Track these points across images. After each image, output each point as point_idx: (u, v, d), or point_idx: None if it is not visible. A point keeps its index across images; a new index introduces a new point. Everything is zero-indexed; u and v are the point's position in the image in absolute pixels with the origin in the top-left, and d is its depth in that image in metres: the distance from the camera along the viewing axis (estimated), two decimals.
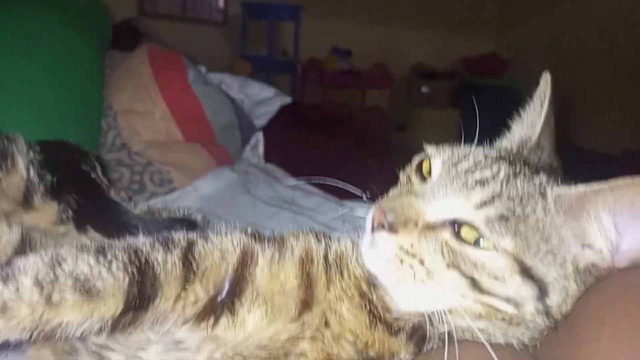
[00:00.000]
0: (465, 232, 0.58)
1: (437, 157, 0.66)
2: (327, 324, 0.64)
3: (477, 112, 0.72)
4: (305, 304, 0.64)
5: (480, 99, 0.90)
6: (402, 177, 0.71)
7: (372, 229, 0.61)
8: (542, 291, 0.57)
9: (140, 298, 0.59)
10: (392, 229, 0.60)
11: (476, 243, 0.57)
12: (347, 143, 2.54)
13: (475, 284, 0.57)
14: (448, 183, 0.61)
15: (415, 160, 0.70)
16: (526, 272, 0.57)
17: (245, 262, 0.64)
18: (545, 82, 0.73)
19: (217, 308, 0.62)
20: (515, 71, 5.16)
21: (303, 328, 0.63)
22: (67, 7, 1.55)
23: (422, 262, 0.59)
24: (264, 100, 2.19)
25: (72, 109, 1.34)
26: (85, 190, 0.83)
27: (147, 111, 1.70)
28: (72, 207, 0.81)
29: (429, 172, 0.66)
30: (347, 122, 3.79)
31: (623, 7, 4.11)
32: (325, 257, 0.67)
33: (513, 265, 0.57)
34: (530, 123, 0.74)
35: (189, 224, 0.85)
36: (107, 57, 1.87)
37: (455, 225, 0.59)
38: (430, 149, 0.68)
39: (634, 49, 4.09)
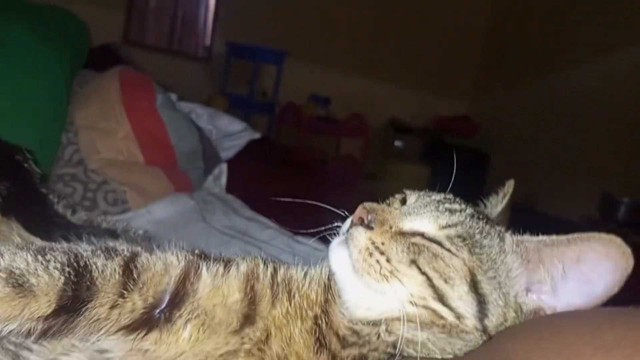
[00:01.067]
0: None
1: (413, 194, 0.76)
2: (267, 340, 0.64)
3: (452, 168, 0.83)
4: (248, 318, 0.64)
5: (451, 157, 0.97)
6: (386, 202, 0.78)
7: (351, 226, 0.67)
8: (483, 310, 0.62)
9: (74, 300, 0.57)
10: (369, 226, 0.66)
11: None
12: (315, 184, 2.55)
13: (429, 283, 0.62)
14: (422, 207, 0.70)
15: (398, 196, 0.79)
16: (474, 285, 0.62)
17: (188, 276, 0.64)
18: (509, 185, 0.85)
19: (153, 321, 0.61)
20: (485, 134, 5.35)
21: (242, 341, 0.63)
22: (40, 20, 1.57)
23: (388, 260, 0.63)
24: (232, 133, 2.21)
25: (29, 118, 1.33)
26: (16, 179, 0.81)
27: (111, 130, 1.69)
28: (1, 194, 0.79)
29: (405, 202, 0.75)
30: (318, 165, 3.83)
31: (588, 81, 4.37)
32: (273, 276, 0.68)
33: (465, 273, 0.63)
34: (492, 205, 0.84)
35: (112, 233, 0.84)
36: (80, 76, 1.87)
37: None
38: (407, 190, 0.78)
39: (597, 120, 4.31)
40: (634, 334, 0.42)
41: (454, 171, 0.82)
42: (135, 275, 0.61)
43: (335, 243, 0.68)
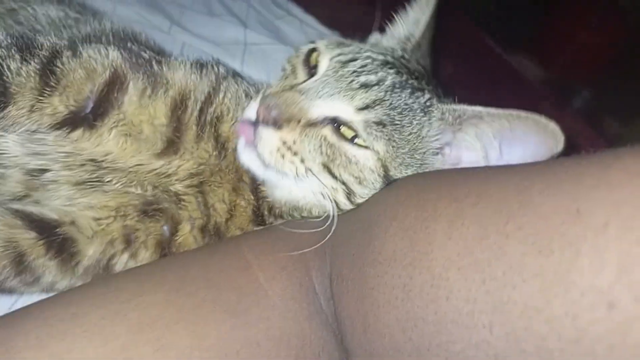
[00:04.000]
0: (344, 130, 0.62)
1: (326, 54, 0.66)
2: (202, 184, 0.66)
3: None
4: (172, 144, 0.65)
5: None
6: (288, 66, 0.69)
7: (257, 122, 0.61)
8: (389, 179, 0.64)
9: None
10: (276, 124, 0.60)
11: (353, 140, 0.62)
12: None
13: (342, 186, 0.63)
14: (333, 82, 0.62)
15: (303, 50, 0.69)
16: (386, 174, 0.63)
17: (113, 87, 0.62)
18: None
19: (78, 122, 0.62)
20: None
21: (170, 167, 0.65)
22: None
23: (302, 161, 0.61)
24: None
25: None
26: None
27: None
28: None
29: (316, 67, 0.66)
30: None
31: None
32: (201, 111, 0.66)
33: (379, 169, 0.62)
34: (414, 20, 0.73)
35: None
36: None
37: (336, 124, 0.62)
38: (320, 43, 0.68)
39: None
40: (481, 187, 0.47)
41: None
42: (53, 82, 0.59)
43: (242, 145, 0.63)
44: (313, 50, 0.68)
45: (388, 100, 0.62)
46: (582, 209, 0.37)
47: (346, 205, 0.64)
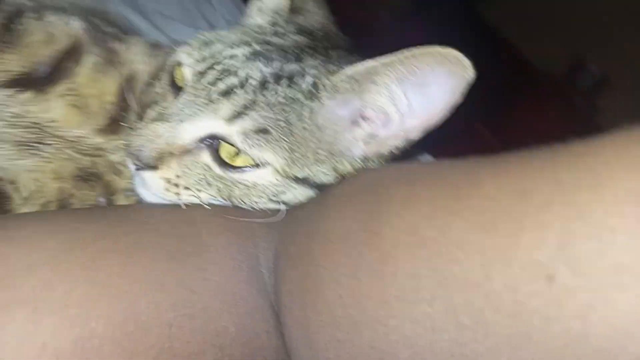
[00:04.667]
0: (225, 150, 0.54)
1: (186, 65, 0.57)
2: None
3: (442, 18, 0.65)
4: (115, 122, 0.64)
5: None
6: (159, 89, 0.60)
7: (135, 168, 0.56)
8: (313, 182, 0.58)
9: None
10: (150, 166, 0.55)
11: (237, 162, 0.54)
12: None
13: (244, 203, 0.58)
14: (193, 99, 0.54)
15: (167, 68, 0.59)
16: (287, 177, 0.56)
17: (69, 56, 0.62)
18: None
19: (29, 84, 0.61)
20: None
21: (108, 146, 0.65)
22: None
23: (199, 190, 0.56)
24: None
25: None
26: None
27: None
28: None
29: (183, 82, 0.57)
30: None
31: None
32: (143, 92, 0.65)
33: (275, 180, 0.56)
34: None
35: None
36: None
37: (214, 144, 0.55)
38: (180, 54, 0.58)
39: None
40: (434, 172, 0.48)
41: None
42: (10, 38, 0.59)
43: (137, 182, 0.59)
44: (176, 64, 0.58)
45: (261, 100, 0.53)
46: (527, 188, 0.38)
47: (281, 205, 0.58)
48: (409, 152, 0.61)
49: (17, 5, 0.61)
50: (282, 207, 0.59)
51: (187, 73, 0.57)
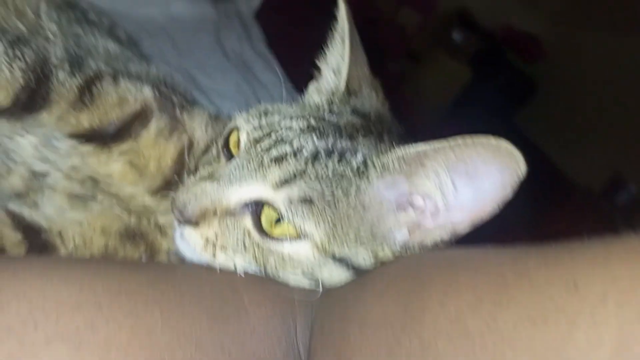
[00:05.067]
0: (266, 216, 0.55)
1: (243, 130, 0.59)
2: None
3: (491, 85, 0.64)
4: (168, 185, 0.66)
5: (497, 73, 0.80)
6: (214, 150, 0.64)
7: (179, 223, 0.58)
8: (351, 264, 0.56)
9: (27, 104, 0.60)
10: (191, 222, 0.56)
11: (279, 236, 0.55)
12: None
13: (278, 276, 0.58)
14: (246, 164, 0.56)
15: (225, 132, 0.63)
16: (328, 254, 0.55)
17: (137, 119, 0.65)
18: (342, 17, 0.65)
19: (94, 139, 0.64)
20: (548, 65, 4.86)
21: (158, 206, 0.66)
22: None
23: (225, 247, 0.57)
24: None
25: None
26: None
27: None
28: None
29: (238, 146, 0.60)
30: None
31: None
32: (199, 159, 0.67)
33: (313, 255, 0.55)
34: (336, 68, 0.67)
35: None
36: None
37: (257, 210, 0.55)
38: (239, 119, 0.61)
39: None
40: (478, 259, 0.47)
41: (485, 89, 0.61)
42: (88, 100, 0.63)
43: (177, 235, 0.60)
44: (234, 129, 0.61)
45: (311, 171, 0.54)
46: (579, 282, 0.37)
47: (315, 283, 0.57)
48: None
49: (97, 70, 0.66)
50: (317, 285, 0.57)
51: (243, 138, 0.59)
